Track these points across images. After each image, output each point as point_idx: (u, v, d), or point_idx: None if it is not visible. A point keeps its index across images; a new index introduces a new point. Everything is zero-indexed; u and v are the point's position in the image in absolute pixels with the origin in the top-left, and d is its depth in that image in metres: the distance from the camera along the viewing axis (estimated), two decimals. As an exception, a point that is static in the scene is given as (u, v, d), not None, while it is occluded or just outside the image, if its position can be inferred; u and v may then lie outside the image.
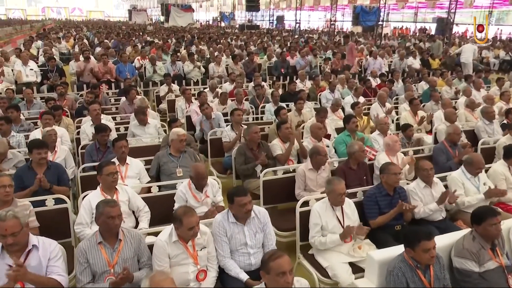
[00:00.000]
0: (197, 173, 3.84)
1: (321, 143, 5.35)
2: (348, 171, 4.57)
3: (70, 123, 6.50)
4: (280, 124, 5.32)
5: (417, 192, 4.06)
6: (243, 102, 7.64)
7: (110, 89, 9.25)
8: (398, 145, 4.85)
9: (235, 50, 14.42)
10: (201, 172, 3.85)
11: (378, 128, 5.78)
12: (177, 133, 4.64)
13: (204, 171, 3.88)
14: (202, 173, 3.86)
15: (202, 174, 3.86)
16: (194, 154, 4.89)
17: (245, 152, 5.07)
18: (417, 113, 7.04)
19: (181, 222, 2.94)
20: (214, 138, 6.02)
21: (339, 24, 36.68)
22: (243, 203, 3.15)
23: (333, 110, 7.30)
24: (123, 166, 4.51)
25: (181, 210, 3.03)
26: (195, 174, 3.85)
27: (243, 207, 3.16)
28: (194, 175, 3.86)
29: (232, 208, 3.23)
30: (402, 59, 13.02)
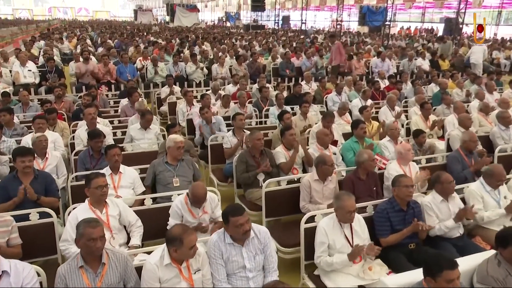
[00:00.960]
0: (195, 195, 3.52)
1: (328, 151, 5.05)
2: (357, 181, 4.25)
3: (65, 127, 6.22)
4: (284, 130, 5.01)
5: (432, 207, 3.74)
6: (246, 105, 7.33)
7: (110, 90, 8.98)
8: (411, 154, 4.52)
9: (239, 50, 14.13)
10: (199, 195, 3.52)
11: (389, 134, 5.46)
12: (174, 140, 4.35)
13: (204, 193, 3.55)
14: (201, 196, 3.53)
15: (201, 197, 3.53)
16: (193, 162, 4.59)
17: (247, 160, 4.77)
18: (429, 118, 6.70)
19: (181, 242, 2.66)
20: (215, 144, 5.72)
21: (345, 24, 36.32)
22: (239, 224, 2.85)
23: (340, 114, 6.99)
24: (116, 175, 4.23)
25: (178, 229, 2.74)
26: (193, 195, 3.53)
27: (240, 227, 2.86)
28: (191, 196, 3.54)
29: (228, 229, 2.93)
30: (410, 60, 12.67)
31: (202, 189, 3.54)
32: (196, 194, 3.51)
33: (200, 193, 3.51)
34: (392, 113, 7.31)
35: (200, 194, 3.51)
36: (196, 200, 3.53)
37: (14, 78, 8.94)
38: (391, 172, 4.48)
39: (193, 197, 3.52)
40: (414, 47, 17.66)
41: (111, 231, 3.42)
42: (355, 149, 5.17)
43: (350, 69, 11.90)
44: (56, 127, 6.12)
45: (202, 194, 3.53)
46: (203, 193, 3.53)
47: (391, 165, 4.57)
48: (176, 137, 4.38)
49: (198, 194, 3.51)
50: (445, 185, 3.73)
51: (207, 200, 3.63)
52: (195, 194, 3.51)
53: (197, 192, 3.51)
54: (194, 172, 4.54)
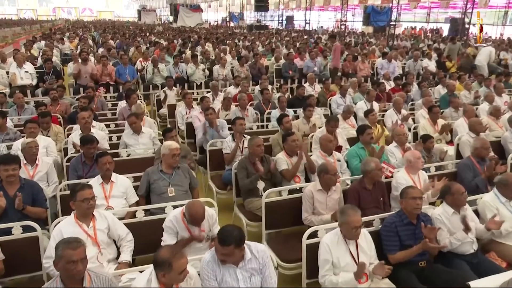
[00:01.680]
0: (192, 215, 3.21)
1: (332, 157, 4.81)
2: (363, 191, 4.01)
3: (59, 131, 6.01)
4: (286, 136, 4.77)
5: (443, 220, 3.49)
6: (247, 108, 7.09)
7: (108, 92, 8.76)
8: (420, 162, 4.27)
9: (241, 51, 13.89)
10: (197, 216, 3.21)
11: (396, 140, 5.21)
12: (169, 147, 4.11)
13: (202, 213, 3.24)
14: (199, 216, 3.23)
15: (199, 217, 3.23)
16: (189, 170, 4.35)
17: (247, 167, 4.54)
18: (437, 122, 6.43)
19: (170, 266, 2.43)
20: (214, 149, 5.49)
21: (349, 24, 36.01)
22: (222, 253, 2.61)
23: (344, 117, 6.73)
24: (108, 184, 4.00)
25: (167, 252, 2.49)
26: (190, 215, 3.23)
27: (222, 256, 2.63)
28: (188, 216, 3.25)
29: (217, 253, 2.69)
30: (416, 61, 12.37)
31: (200, 209, 3.24)
32: (193, 214, 3.21)
33: (197, 213, 3.21)
34: (398, 117, 7.06)
35: (197, 214, 3.22)
36: (193, 220, 3.24)
37: (11, 79, 8.75)
38: (399, 181, 4.23)
39: (190, 217, 3.23)
40: (419, 48, 17.32)
41: (98, 246, 3.19)
42: (361, 156, 4.93)
43: (354, 70, 11.63)
44: (50, 131, 5.91)
45: (200, 215, 3.23)
46: (201, 213, 3.23)
47: (399, 174, 4.31)
48: (170, 144, 4.14)
49: (195, 215, 3.21)
50: (456, 197, 3.48)
51: (205, 218, 3.37)
52: (193, 215, 3.21)
53: (195, 212, 3.21)
54: (191, 181, 4.30)
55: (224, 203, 5.21)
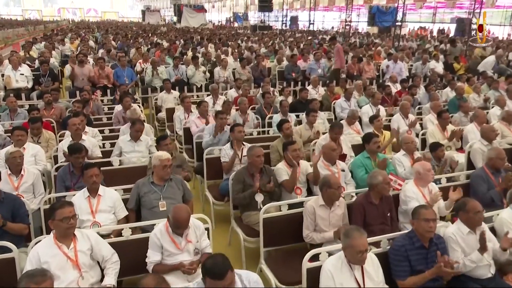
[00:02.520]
0: (176, 218, 3.04)
1: (335, 167, 4.52)
2: (369, 206, 3.71)
3: (51, 137, 5.75)
4: (286, 144, 4.48)
5: (457, 240, 3.19)
6: (248, 113, 6.80)
7: (105, 95, 8.51)
8: (431, 175, 3.96)
9: (244, 52, 13.60)
10: (180, 219, 3.04)
11: (404, 148, 4.90)
12: (159, 158, 3.83)
13: (186, 217, 3.07)
14: (182, 220, 3.05)
15: (182, 221, 3.05)
16: (182, 182, 4.07)
17: (244, 179, 4.25)
18: (446, 128, 6.12)
19: None
20: (212, 157, 5.20)
21: (354, 25, 35.67)
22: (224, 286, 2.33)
23: (349, 123, 6.43)
24: (94, 198, 3.73)
25: (151, 282, 2.24)
26: (173, 219, 3.05)
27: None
28: (172, 220, 3.06)
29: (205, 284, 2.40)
30: (424, 63, 12.00)
31: (184, 213, 3.06)
32: (177, 218, 3.03)
33: (181, 217, 3.04)
34: (405, 122, 6.74)
35: (181, 218, 3.04)
36: (177, 225, 3.05)
37: (5, 82, 8.51)
38: (408, 194, 3.93)
39: (174, 221, 3.05)
40: (425, 49, 16.95)
41: (79, 269, 2.91)
42: (366, 166, 4.64)
43: (359, 72, 11.31)
44: (41, 137, 5.65)
45: (183, 218, 3.05)
46: (184, 217, 3.05)
47: (407, 186, 4.01)
48: (161, 155, 3.86)
49: (179, 218, 3.04)
50: (472, 215, 3.18)
51: (191, 227, 3.14)
52: (176, 218, 3.04)
53: (179, 215, 3.04)
54: (184, 193, 4.03)
55: (221, 215, 4.94)
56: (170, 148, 4.71)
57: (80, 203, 3.67)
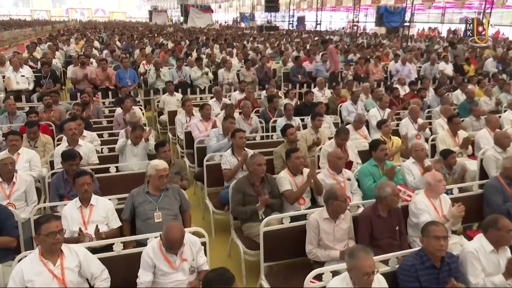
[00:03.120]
0: (168, 238, 2.81)
1: (341, 176, 4.30)
2: (376, 219, 3.50)
3: (48, 141, 5.58)
4: (289, 152, 4.27)
5: (479, 257, 2.95)
6: (251, 117, 6.59)
7: (107, 97, 8.35)
8: (442, 186, 3.73)
9: (249, 53, 13.39)
10: (173, 239, 2.81)
11: (414, 155, 4.67)
12: (156, 167, 3.64)
13: (179, 238, 2.84)
14: (175, 240, 2.82)
15: (175, 241, 2.82)
16: (179, 191, 3.87)
17: (245, 189, 4.05)
18: (457, 133, 5.87)
19: None
20: (212, 164, 5.01)
21: (361, 25, 35.34)
22: None
23: (355, 127, 6.20)
24: (86, 208, 3.55)
25: None
26: (165, 239, 2.83)
27: None
28: (164, 240, 2.84)
29: None
30: (433, 64, 11.73)
31: (177, 233, 2.83)
32: (169, 238, 2.81)
33: (174, 237, 2.82)
34: (414, 126, 6.51)
35: (173, 238, 2.82)
36: (169, 245, 2.84)
37: (6, 84, 8.39)
38: (418, 206, 3.71)
39: (166, 241, 2.83)
40: (434, 49, 16.64)
41: None
42: (374, 175, 4.42)
43: (366, 73, 11.06)
44: (38, 141, 5.50)
45: (176, 239, 2.82)
46: (177, 237, 2.83)
47: (417, 198, 3.78)
48: (157, 164, 3.66)
49: (171, 238, 2.81)
50: (503, 234, 2.95)
51: (186, 244, 2.93)
52: (168, 238, 2.81)
53: (171, 235, 2.82)
54: (182, 203, 3.83)
55: (221, 225, 4.75)
56: (168, 155, 4.53)
57: (72, 213, 3.50)
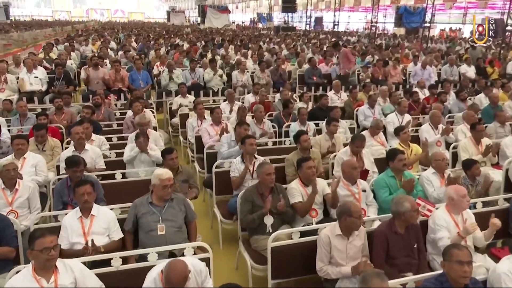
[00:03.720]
0: (168, 279, 2.50)
1: (356, 186, 4.06)
2: (393, 236, 3.25)
3: (56, 145, 5.48)
4: (300, 161, 4.05)
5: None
6: (264, 121, 6.38)
7: (119, 99, 8.26)
8: (466, 201, 3.46)
9: (265, 54, 13.17)
10: (175, 281, 2.49)
11: (434, 166, 4.40)
12: (159, 177, 3.47)
13: (181, 279, 2.50)
14: (177, 282, 2.49)
15: (177, 283, 2.49)
16: (185, 201, 3.69)
17: (253, 199, 3.85)
18: (481, 141, 5.56)
19: None
20: (221, 171, 4.82)
21: (380, 26, 34.78)
22: None
23: (372, 133, 5.93)
24: (87, 218, 3.40)
25: None
26: (166, 279, 2.52)
27: None
28: (165, 279, 2.53)
29: None
30: (452, 66, 11.29)
31: (180, 274, 2.50)
32: (170, 279, 2.49)
33: (176, 279, 2.49)
34: (435, 132, 6.21)
35: (175, 280, 2.49)
36: (170, 285, 2.51)
37: (19, 85, 8.37)
38: (438, 222, 3.45)
39: (167, 281, 2.52)
40: (456, 51, 16.16)
41: (60, 307, 2.58)
42: (391, 186, 4.17)
43: (385, 76, 10.73)
44: (46, 144, 5.41)
45: (178, 281, 2.49)
46: (180, 279, 2.50)
47: (438, 213, 3.53)
48: (161, 174, 3.49)
49: (172, 280, 2.49)
50: None
51: (191, 277, 2.64)
52: (169, 279, 2.50)
53: (173, 277, 2.49)
54: (187, 214, 3.65)
55: (229, 235, 4.56)
56: (176, 163, 4.36)
57: (72, 223, 3.36)
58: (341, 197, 3.96)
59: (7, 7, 45.22)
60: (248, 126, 5.31)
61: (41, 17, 69.61)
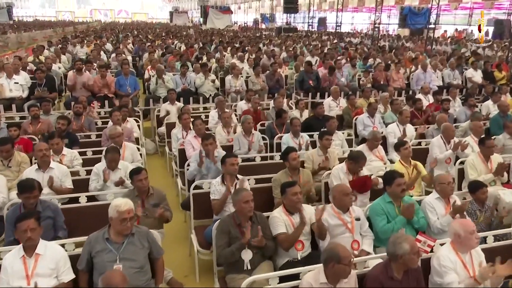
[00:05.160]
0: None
1: (348, 215, 3.56)
2: (389, 283, 2.75)
3: (24, 161, 4.97)
4: (285, 186, 3.55)
5: None
6: (253, 133, 5.88)
7: (102, 107, 7.77)
8: (475, 239, 2.95)
9: (262, 57, 12.64)
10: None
11: (438, 190, 3.88)
12: (118, 208, 2.98)
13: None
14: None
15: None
16: (149, 235, 3.19)
17: (230, 230, 3.36)
18: (490, 158, 5.03)
19: None
20: (200, 193, 4.32)
21: (384, 27, 34.20)
22: None
23: (370, 147, 5.42)
24: (31, 257, 2.91)
25: None
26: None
27: None
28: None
29: None
30: (453, 70, 10.72)
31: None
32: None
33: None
34: (447, 147, 5.60)
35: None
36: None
37: (-1, 91, 7.92)
38: (443, 262, 2.96)
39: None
40: (461, 53, 15.55)
41: None
42: (388, 213, 3.67)
43: (387, 81, 10.18)
44: (13, 160, 4.92)
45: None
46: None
47: (443, 252, 3.01)
48: (120, 205, 2.99)
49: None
50: None
51: None
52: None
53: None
54: (151, 249, 3.16)
55: (206, 267, 4.04)
56: (144, 185, 3.87)
57: (13, 263, 2.88)
58: (330, 227, 3.47)
59: (10, 8, 45.05)
60: (213, 140, 4.77)
61: (45, 17, 69.54)
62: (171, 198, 4.79)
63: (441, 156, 5.44)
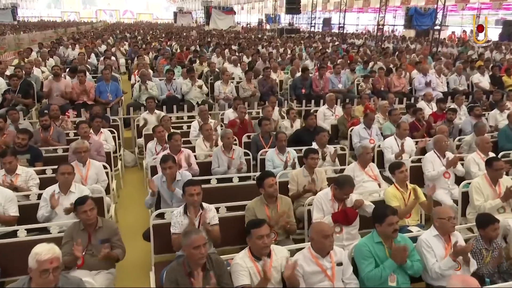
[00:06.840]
0: None
1: (328, 259, 2.96)
2: None
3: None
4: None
5: None
6: (233, 149, 5.28)
7: (79, 116, 7.22)
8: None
9: (257, 60, 11.99)
10: None
11: (437, 226, 3.27)
12: (38, 257, 2.39)
13: None
14: None
15: None
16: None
17: (177, 279, 2.77)
18: (499, 181, 4.39)
19: None
20: (161, 224, 3.75)
21: (390, 28, 33.48)
22: None
23: (362, 165, 4.82)
24: None
25: None
26: None
27: None
28: None
29: None
30: (459, 74, 10.06)
31: None
32: None
33: None
34: (442, 162, 5.06)
35: None
36: None
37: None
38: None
39: None
40: (468, 56, 14.82)
41: None
42: (377, 256, 3.06)
43: (387, 87, 9.51)
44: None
45: None
46: None
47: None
48: (40, 252, 2.41)
49: None
50: None
51: None
52: None
53: None
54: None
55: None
56: (90, 217, 3.29)
57: None
58: (306, 275, 2.89)
59: (15, 8, 44.87)
60: (173, 164, 4.15)
61: (50, 18, 69.58)
62: (147, 220, 4.22)
63: (434, 173, 4.89)
